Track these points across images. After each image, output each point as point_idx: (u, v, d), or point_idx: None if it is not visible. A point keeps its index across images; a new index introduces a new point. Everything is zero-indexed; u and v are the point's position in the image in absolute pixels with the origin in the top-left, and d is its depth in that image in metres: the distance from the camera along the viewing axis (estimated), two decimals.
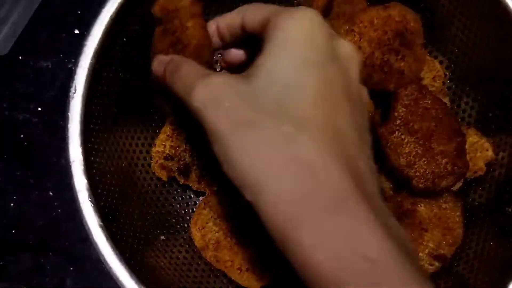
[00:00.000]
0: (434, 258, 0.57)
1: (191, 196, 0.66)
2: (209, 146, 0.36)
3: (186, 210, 0.65)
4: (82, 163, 0.51)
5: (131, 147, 0.61)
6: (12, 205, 0.66)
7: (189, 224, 0.63)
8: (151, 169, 0.62)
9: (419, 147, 0.58)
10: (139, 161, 0.62)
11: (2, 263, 0.65)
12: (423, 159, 0.57)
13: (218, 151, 0.34)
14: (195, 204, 0.66)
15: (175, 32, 0.49)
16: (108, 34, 0.54)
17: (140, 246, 0.56)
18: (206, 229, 0.59)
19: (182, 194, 0.66)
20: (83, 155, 0.51)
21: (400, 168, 0.58)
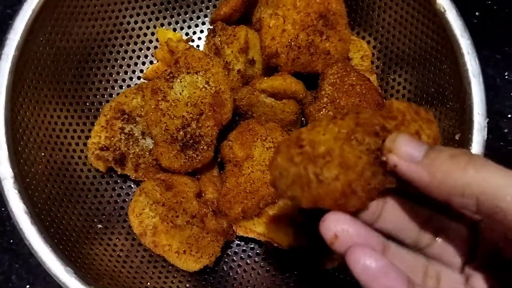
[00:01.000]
0: None
1: (132, 186, 0.67)
2: None
3: (126, 200, 0.66)
4: (6, 152, 0.51)
5: (66, 139, 0.62)
6: None
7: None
8: (88, 160, 0.63)
9: None
10: (76, 153, 0.63)
11: None
12: None
13: None
14: None
15: None
16: (31, 25, 0.55)
17: (77, 236, 0.57)
18: (143, 215, 0.59)
19: (122, 184, 0.66)
20: (8, 144, 0.52)
21: None
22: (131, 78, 0.71)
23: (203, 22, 0.75)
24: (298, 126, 0.66)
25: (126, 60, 0.70)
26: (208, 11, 0.74)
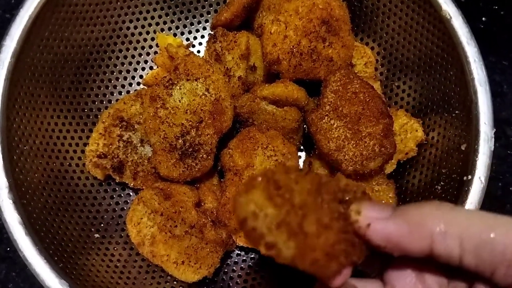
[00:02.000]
0: None
1: (130, 194, 0.66)
2: None
3: (124, 209, 0.64)
4: (1, 161, 0.50)
5: (63, 147, 0.61)
6: None
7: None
8: (86, 168, 0.62)
9: (348, 131, 0.58)
10: (73, 161, 0.62)
11: None
12: (352, 143, 0.58)
13: None
14: None
15: None
16: (28, 31, 0.54)
17: (73, 246, 0.56)
18: (141, 224, 0.58)
19: (120, 192, 0.65)
20: (2, 153, 0.51)
21: (329, 152, 0.58)
22: (130, 84, 0.70)
23: (204, 27, 0.74)
24: (300, 134, 0.65)
25: (125, 65, 0.69)
26: (209, 15, 0.73)
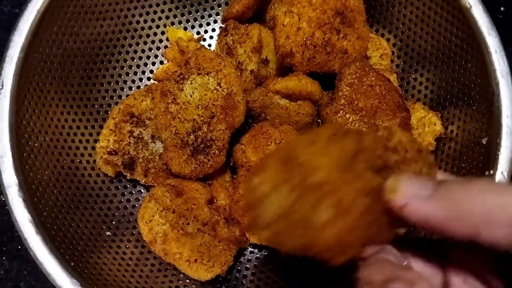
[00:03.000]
0: None
1: (142, 191, 0.65)
2: None
3: (136, 206, 0.63)
4: (11, 158, 0.49)
5: (74, 144, 0.60)
6: None
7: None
8: (96, 165, 0.61)
9: (364, 125, 0.57)
10: (83, 158, 0.61)
11: None
12: None
13: None
14: None
15: None
16: (36, 26, 0.53)
17: (84, 244, 0.55)
18: (153, 222, 0.57)
19: (131, 189, 0.64)
20: (12, 150, 0.50)
21: None
22: (140, 79, 0.69)
23: (215, 20, 0.72)
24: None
25: (135, 60, 0.68)
26: (220, 8, 0.72)
